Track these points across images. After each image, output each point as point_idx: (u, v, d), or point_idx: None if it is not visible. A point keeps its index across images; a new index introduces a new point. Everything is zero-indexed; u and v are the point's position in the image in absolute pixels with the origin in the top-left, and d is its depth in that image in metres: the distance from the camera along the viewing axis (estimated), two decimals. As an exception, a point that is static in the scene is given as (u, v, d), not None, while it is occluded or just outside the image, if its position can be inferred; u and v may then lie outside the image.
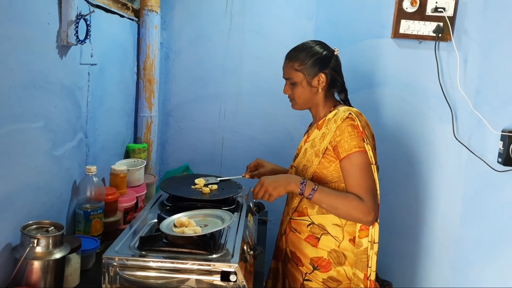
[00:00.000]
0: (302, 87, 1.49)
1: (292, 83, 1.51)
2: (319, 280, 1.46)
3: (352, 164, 1.38)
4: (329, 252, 1.45)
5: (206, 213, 1.40)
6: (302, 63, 1.47)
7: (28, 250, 1.08)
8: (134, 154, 1.94)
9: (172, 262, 1.17)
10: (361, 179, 1.37)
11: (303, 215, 1.50)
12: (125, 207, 1.62)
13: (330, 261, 1.45)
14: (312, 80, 1.48)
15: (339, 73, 1.53)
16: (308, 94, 1.50)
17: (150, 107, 2.06)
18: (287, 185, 1.40)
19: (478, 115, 2.01)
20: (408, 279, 2.21)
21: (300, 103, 1.53)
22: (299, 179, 1.40)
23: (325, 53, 1.49)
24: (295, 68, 1.49)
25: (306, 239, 1.48)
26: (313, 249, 1.47)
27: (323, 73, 1.47)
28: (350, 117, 1.41)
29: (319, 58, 1.48)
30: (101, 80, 1.63)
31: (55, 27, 1.27)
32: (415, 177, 2.15)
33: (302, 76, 1.48)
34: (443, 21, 2.00)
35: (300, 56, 1.48)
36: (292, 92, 1.52)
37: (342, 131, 1.40)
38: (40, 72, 1.22)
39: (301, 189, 1.38)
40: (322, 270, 1.45)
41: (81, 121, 1.49)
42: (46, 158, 1.29)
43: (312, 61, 1.47)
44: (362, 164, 1.37)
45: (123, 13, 1.81)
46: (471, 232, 2.10)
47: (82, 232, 1.42)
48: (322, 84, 1.48)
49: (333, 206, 1.38)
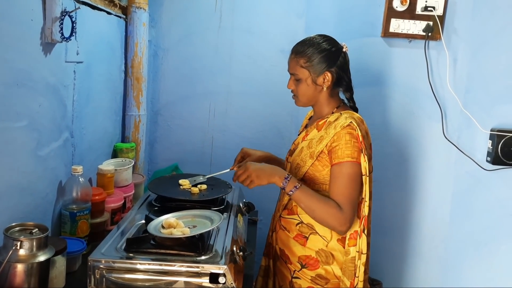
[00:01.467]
0: (306, 84, 1.45)
1: (297, 79, 1.47)
2: (307, 278, 1.45)
3: (341, 172, 1.37)
4: (317, 252, 1.44)
5: (195, 214, 1.38)
6: (308, 60, 1.43)
7: (11, 253, 1.05)
8: (122, 153, 1.91)
9: (160, 264, 1.15)
10: (346, 188, 1.36)
11: (292, 213, 1.49)
12: (112, 207, 1.59)
13: (318, 260, 1.44)
14: (317, 78, 1.44)
15: (346, 72, 1.49)
16: (312, 92, 1.46)
17: (138, 105, 2.03)
18: (271, 176, 1.39)
19: (467, 114, 2.01)
20: (398, 278, 2.22)
21: (303, 101, 1.50)
22: (284, 174, 1.39)
23: (333, 50, 1.45)
24: (300, 64, 1.44)
25: (295, 238, 1.47)
26: (302, 248, 1.46)
27: (329, 72, 1.44)
28: (350, 126, 1.38)
29: (326, 55, 1.43)
30: (88, 78, 1.60)
31: (39, 24, 1.24)
32: (404, 176, 2.15)
33: (307, 73, 1.44)
34: (432, 20, 2.00)
35: (307, 52, 1.44)
36: (296, 88, 1.48)
37: (339, 138, 1.38)
38: (23, 70, 1.19)
39: (284, 184, 1.38)
40: (310, 268, 1.45)
41: (67, 120, 1.46)
42: (30, 158, 1.26)
43: (318, 59, 1.43)
44: (351, 175, 1.37)
45: (110, 10, 1.78)
46: (460, 231, 2.11)
47: (68, 233, 1.39)
48: (327, 83, 1.45)
49: (311, 208, 1.37)
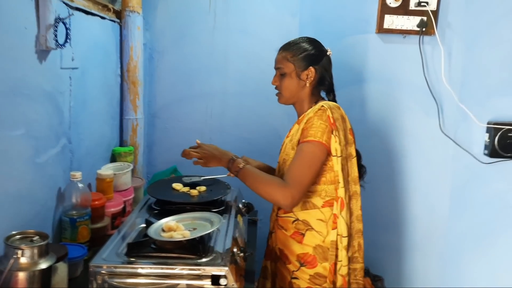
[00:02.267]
0: (290, 78, 1.51)
1: (282, 74, 1.53)
2: (305, 278, 1.46)
3: (301, 150, 1.40)
4: (314, 248, 1.46)
5: (195, 216, 1.39)
6: (295, 55, 1.51)
7: (13, 262, 1.05)
8: (121, 157, 1.91)
9: (162, 268, 1.15)
10: (298, 166, 1.38)
11: (288, 211, 1.50)
12: (112, 212, 1.59)
13: (315, 257, 1.45)
14: (301, 72, 1.50)
15: (329, 73, 1.56)
16: (295, 86, 1.52)
17: (135, 109, 2.03)
18: (219, 160, 1.48)
19: (463, 108, 2.02)
20: (398, 273, 2.23)
21: (286, 95, 1.54)
22: (230, 156, 1.47)
23: (317, 51, 1.53)
24: (287, 58, 1.51)
25: (292, 236, 1.49)
26: (299, 245, 1.47)
27: (313, 68, 1.50)
28: (321, 109, 1.44)
29: (311, 53, 1.51)
30: (84, 84, 1.60)
31: (33, 32, 1.24)
32: (402, 172, 2.16)
33: (292, 67, 1.50)
34: (426, 15, 2.00)
35: (293, 48, 1.52)
36: (280, 83, 1.54)
37: (310, 122, 1.43)
38: (19, 78, 1.19)
39: (229, 165, 1.46)
40: (309, 267, 1.46)
41: (64, 127, 1.46)
42: (29, 165, 1.26)
43: (304, 55, 1.50)
44: (308, 154, 1.39)
45: (104, 14, 1.78)
46: (459, 225, 2.12)
47: (68, 239, 1.39)
48: (310, 79, 1.51)
49: (254, 185, 1.40)
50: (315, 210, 1.46)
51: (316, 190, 1.46)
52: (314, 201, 1.46)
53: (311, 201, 1.47)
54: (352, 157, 1.47)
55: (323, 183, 1.45)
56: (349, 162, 1.46)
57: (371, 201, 2.15)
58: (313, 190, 1.46)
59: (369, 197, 2.12)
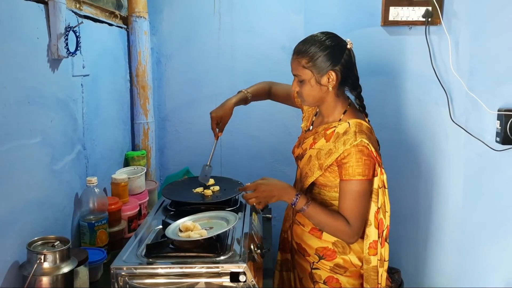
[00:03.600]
0: (310, 85, 1.39)
1: (300, 81, 1.41)
2: (326, 268, 1.47)
3: (351, 189, 1.37)
4: (334, 243, 1.46)
5: (211, 215, 1.40)
6: (311, 60, 1.36)
7: (36, 267, 1.08)
8: (134, 161, 1.94)
9: (181, 267, 1.17)
10: (355, 205, 1.37)
11: None
12: (128, 215, 1.61)
13: (335, 250, 1.46)
14: (321, 78, 1.38)
15: (352, 69, 1.42)
16: (317, 93, 1.40)
17: (145, 113, 2.05)
18: (280, 196, 1.39)
19: (473, 96, 2.01)
20: (415, 265, 2.22)
21: (309, 101, 1.45)
22: (294, 192, 1.39)
23: (335, 49, 1.38)
24: (302, 65, 1.38)
25: (310, 232, 1.49)
26: (318, 240, 1.47)
27: (333, 71, 1.37)
28: (361, 143, 1.34)
29: (329, 53, 1.36)
30: (95, 90, 1.63)
31: (44, 41, 1.27)
32: (415, 163, 2.16)
33: (310, 74, 1.38)
34: (431, 5, 1.99)
35: (308, 51, 1.37)
36: (300, 89, 1.43)
37: (349, 155, 1.35)
38: (33, 88, 1.22)
39: (294, 202, 1.39)
40: (328, 259, 1.46)
41: (78, 133, 1.49)
42: (46, 173, 1.29)
43: (321, 58, 1.36)
44: (360, 192, 1.37)
45: (111, 21, 1.80)
46: (474, 214, 2.11)
47: (88, 244, 1.41)
48: (332, 83, 1.38)
49: (321, 224, 1.41)
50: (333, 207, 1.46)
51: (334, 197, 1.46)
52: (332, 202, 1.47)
53: (329, 201, 1.47)
54: None
55: None
56: None
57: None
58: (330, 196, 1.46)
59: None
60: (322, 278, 1.47)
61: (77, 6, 1.48)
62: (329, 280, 1.46)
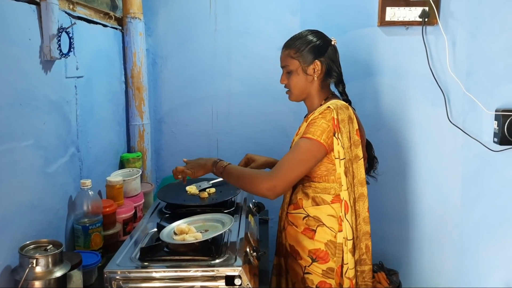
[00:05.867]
0: (297, 74, 1.50)
1: (288, 72, 1.52)
2: (319, 272, 1.46)
3: (297, 144, 1.41)
4: (326, 244, 1.45)
5: (206, 218, 1.39)
6: (298, 50, 1.49)
7: (28, 271, 1.07)
8: (129, 163, 1.92)
9: (176, 271, 1.16)
10: (289, 159, 1.40)
11: (298, 207, 1.50)
12: (123, 218, 1.60)
13: (328, 252, 1.45)
14: (307, 68, 1.48)
15: (336, 63, 1.52)
16: (304, 82, 1.50)
17: (141, 115, 2.04)
18: (205, 167, 1.51)
19: (470, 96, 2.00)
20: (414, 266, 2.21)
21: (295, 93, 1.53)
22: (213, 160, 1.50)
23: (321, 42, 1.50)
24: (291, 55, 1.50)
25: (303, 232, 1.48)
26: (310, 241, 1.47)
27: (319, 61, 1.48)
28: (328, 109, 1.42)
29: (314, 45, 1.49)
30: (89, 92, 1.61)
31: (37, 43, 1.25)
32: (413, 164, 2.15)
33: (297, 63, 1.49)
34: (428, 5, 1.99)
35: (296, 43, 1.50)
36: (288, 81, 1.53)
37: (314, 121, 1.42)
38: (25, 90, 1.20)
39: (214, 170, 1.48)
40: (321, 262, 1.45)
41: (72, 135, 1.47)
42: (39, 175, 1.28)
43: (308, 49, 1.48)
44: (303, 149, 1.39)
45: (106, 22, 1.79)
46: (472, 214, 2.10)
47: (82, 247, 1.40)
48: (317, 73, 1.49)
49: (238, 180, 1.44)
50: (325, 206, 1.45)
51: (325, 188, 1.46)
52: (323, 197, 1.46)
53: (320, 196, 1.46)
54: (359, 159, 1.44)
55: (332, 181, 1.45)
56: (354, 164, 1.43)
57: (383, 194, 2.15)
58: (321, 187, 1.46)
59: (381, 190, 2.12)
60: (314, 283, 1.46)
61: (70, 7, 1.47)
62: (321, 285, 1.46)
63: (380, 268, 2.02)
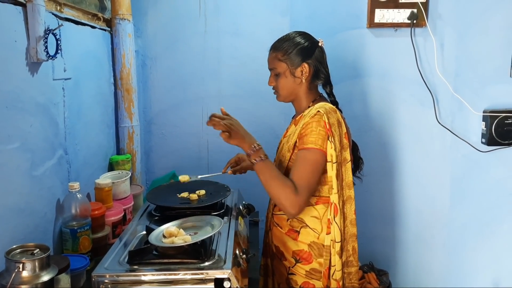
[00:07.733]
0: (285, 77, 1.49)
1: (276, 74, 1.51)
2: (302, 273, 1.46)
3: (305, 157, 1.38)
4: (309, 245, 1.45)
5: (195, 220, 1.39)
6: (286, 53, 1.48)
7: (14, 276, 1.05)
8: (118, 166, 1.91)
9: (165, 274, 1.15)
10: (306, 174, 1.36)
11: None
12: (112, 220, 1.59)
13: (311, 253, 1.45)
14: (295, 70, 1.48)
15: (323, 65, 1.52)
16: (292, 84, 1.49)
17: (130, 116, 2.02)
18: (243, 139, 1.40)
19: (458, 98, 2.02)
20: (403, 267, 2.22)
21: (283, 95, 1.52)
22: (254, 143, 1.40)
23: (308, 43, 1.49)
24: (278, 58, 1.49)
25: (287, 233, 1.49)
26: (294, 242, 1.47)
27: (307, 63, 1.47)
28: (318, 114, 1.40)
29: (302, 47, 1.48)
30: (77, 94, 1.60)
31: (23, 44, 1.24)
32: (401, 165, 2.16)
33: (285, 66, 1.48)
34: (416, 7, 2.00)
35: (283, 46, 1.49)
36: (276, 83, 1.52)
37: (307, 126, 1.40)
38: (11, 92, 1.19)
39: (250, 151, 1.38)
40: (304, 263, 1.46)
41: (60, 138, 1.46)
42: (26, 179, 1.26)
43: (295, 51, 1.47)
44: (312, 161, 1.38)
45: (94, 24, 1.77)
46: (461, 214, 2.12)
47: (70, 250, 1.38)
48: (305, 75, 1.48)
49: (269, 182, 1.36)
50: (308, 208, 1.45)
51: None
52: None
53: None
54: (347, 162, 1.44)
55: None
56: (343, 167, 1.44)
57: (372, 195, 2.16)
58: None
59: (370, 191, 2.13)
60: (298, 283, 1.47)
61: (58, 8, 1.45)
62: (305, 286, 1.46)
63: (370, 269, 2.03)
